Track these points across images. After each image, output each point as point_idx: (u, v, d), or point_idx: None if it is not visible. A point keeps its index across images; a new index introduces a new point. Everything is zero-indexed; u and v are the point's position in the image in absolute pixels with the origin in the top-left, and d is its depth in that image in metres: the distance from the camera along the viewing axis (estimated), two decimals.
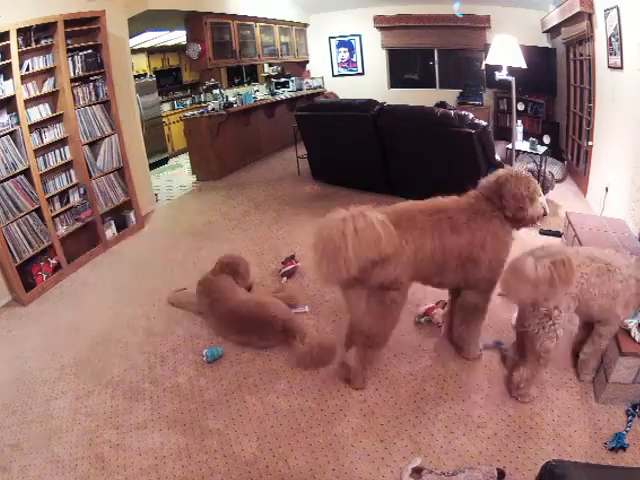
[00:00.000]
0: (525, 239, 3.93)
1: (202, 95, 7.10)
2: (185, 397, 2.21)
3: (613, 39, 3.80)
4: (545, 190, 4.62)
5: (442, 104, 6.29)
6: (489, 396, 2.23)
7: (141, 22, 4.89)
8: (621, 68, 3.72)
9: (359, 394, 2.24)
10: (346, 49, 8.52)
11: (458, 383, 2.31)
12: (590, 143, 4.82)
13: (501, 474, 1.77)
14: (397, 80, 8.61)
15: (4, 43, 3.16)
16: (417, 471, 1.77)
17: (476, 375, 2.37)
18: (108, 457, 1.99)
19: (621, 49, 3.66)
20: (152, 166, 5.58)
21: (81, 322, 3.01)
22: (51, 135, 3.66)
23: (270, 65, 8.31)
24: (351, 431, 2.03)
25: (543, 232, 4.09)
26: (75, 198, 3.89)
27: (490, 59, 3.78)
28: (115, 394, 2.28)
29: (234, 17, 6.33)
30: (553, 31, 6.38)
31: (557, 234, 3.97)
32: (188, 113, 6.05)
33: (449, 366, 2.43)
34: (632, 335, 2.07)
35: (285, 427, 2.06)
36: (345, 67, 8.63)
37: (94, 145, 4.07)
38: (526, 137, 4.70)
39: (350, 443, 1.97)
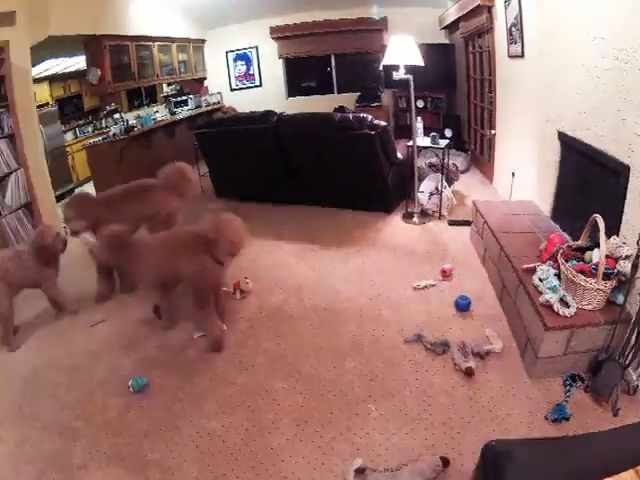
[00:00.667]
0: (433, 230, 4.11)
1: (103, 121, 6.77)
2: (119, 431, 2.17)
3: (514, 29, 4.00)
4: (450, 182, 4.92)
5: (341, 109, 6.29)
6: (418, 389, 2.26)
7: (42, 50, 4.61)
8: (522, 56, 3.92)
9: (288, 404, 2.23)
10: (243, 62, 8.42)
11: (385, 380, 2.34)
12: (493, 132, 5.08)
13: (445, 462, 1.79)
14: (295, 89, 8.58)
15: None
16: (360, 472, 1.76)
17: (401, 370, 2.40)
18: None
19: (522, 38, 3.85)
20: (58, 198, 5.35)
21: (5, 367, 2.79)
22: None
23: (169, 84, 8.07)
24: (287, 442, 2.02)
25: (452, 222, 4.19)
26: None
27: (387, 60, 3.82)
28: (51, 437, 2.19)
29: (132, 38, 6.16)
30: (451, 27, 6.68)
31: (467, 223, 4.04)
32: (90, 140, 5.84)
33: (373, 364, 2.45)
34: (555, 310, 2.17)
35: (221, 447, 2.03)
36: (243, 80, 8.53)
37: (0, 182, 3.83)
38: (427, 132, 4.86)
39: (288, 454, 1.95)
